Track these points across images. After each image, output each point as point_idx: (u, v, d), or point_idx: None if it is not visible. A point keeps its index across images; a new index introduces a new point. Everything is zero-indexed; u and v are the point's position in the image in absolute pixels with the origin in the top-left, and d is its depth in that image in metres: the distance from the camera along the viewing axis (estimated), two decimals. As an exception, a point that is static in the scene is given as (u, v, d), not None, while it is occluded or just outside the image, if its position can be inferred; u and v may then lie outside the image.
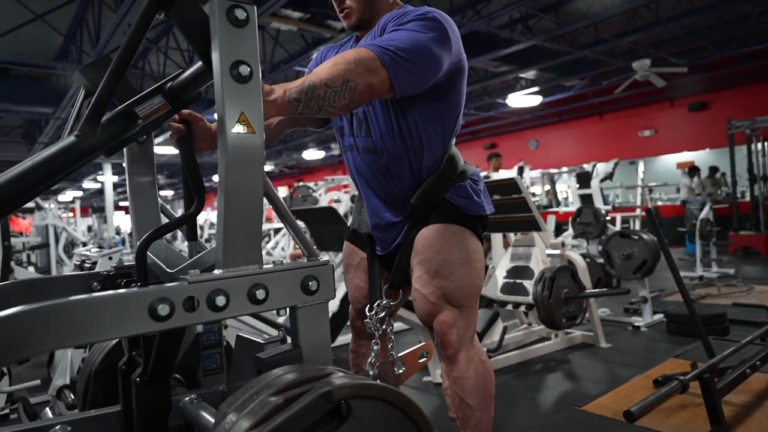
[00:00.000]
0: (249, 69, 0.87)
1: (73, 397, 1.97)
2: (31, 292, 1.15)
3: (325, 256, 1.13)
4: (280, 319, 4.32)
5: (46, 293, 1.19)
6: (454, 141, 1.53)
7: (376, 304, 1.50)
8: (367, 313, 1.50)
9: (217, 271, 0.88)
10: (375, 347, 1.48)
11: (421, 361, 1.55)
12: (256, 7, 0.91)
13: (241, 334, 1.18)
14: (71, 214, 16.92)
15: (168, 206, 1.48)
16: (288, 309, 0.97)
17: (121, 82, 0.93)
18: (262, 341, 1.10)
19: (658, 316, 4.03)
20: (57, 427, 1.14)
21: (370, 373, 1.47)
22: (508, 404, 2.60)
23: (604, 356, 3.31)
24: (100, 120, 0.86)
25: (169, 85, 1.08)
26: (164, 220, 1.39)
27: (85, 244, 10.25)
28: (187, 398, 1.19)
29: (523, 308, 3.55)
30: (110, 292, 0.78)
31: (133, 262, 1.25)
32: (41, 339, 0.69)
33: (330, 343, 0.99)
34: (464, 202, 1.47)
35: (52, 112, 9.55)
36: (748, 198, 9.33)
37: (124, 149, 1.29)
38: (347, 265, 1.71)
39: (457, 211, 1.46)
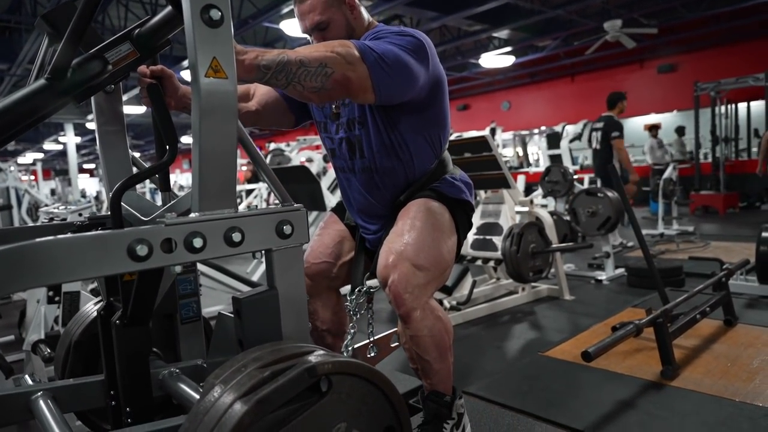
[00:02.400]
0: (220, 13, 0.88)
1: (49, 350, 2.00)
2: (6, 241, 1.15)
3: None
4: (255, 277, 4.35)
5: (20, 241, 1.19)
6: (446, 147, 1.61)
7: (357, 289, 1.53)
8: (348, 298, 1.53)
9: (193, 215, 0.90)
10: (351, 330, 1.53)
11: (393, 345, 1.61)
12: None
13: (222, 312, 1.21)
14: (32, 177, 16.33)
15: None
16: (263, 253, 1.01)
17: (87, 29, 0.93)
18: None
19: (620, 271, 4.22)
20: (39, 394, 1.16)
21: (345, 355, 1.52)
22: (477, 352, 2.72)
23: (567, 308, 3.47)
24: (69, 64, 0.85)
25: (137, 31, 1.07)
26: (136, 172, 1.39)
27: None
28: (166, 371, 1.22)
29: (492, 263, 3.67)
30: (90, 233, 0.80)
31: (105, 214, 1.26)
32: (26, 275, 0.72)
33: (304, 285, 1.03)
34: (443, 187, 1.55)
35: (7, 68, 9.09)
36: (710, 159, 9.65)
37: (92, 100, 1.28)
38: (324, 227, 1.74)
39: (437, 193, 1.54)
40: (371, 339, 1.56)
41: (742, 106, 9.97)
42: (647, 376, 2.15)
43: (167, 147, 1.08)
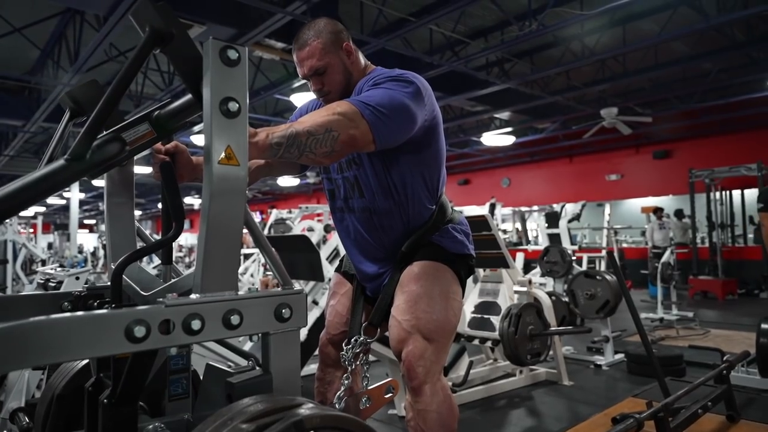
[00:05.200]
0: (237, 105, 0.93)
1: (27, 420, 1.91)
2: (2, 309, 1.14)
3: (296, 285, 1.16)
4: (247, 346, 4.25)
5: (16, 311, 1.19)
6: (443, 190, 1.65)
7: (353, 339, 1.53)
8: (344, 347, 1.53)
9: (194, 296, 0.91)
10: (346, 381, 1.51)
11: (387, 396, 1.57)
12: (246, 49, 0.96)
13: (210, 362, 1.19)
14: (31, 230, 16.36)
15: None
16: (260, 335, 1.00)
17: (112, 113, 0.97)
18: (232, 370, 1.12)
19: (619, 356, 4.13)
20: None
21: (337, 406, 1.49)
22: (471, 439, 2.62)
23: (566, 394, 3.36)
24: (90, 147, 0.89)
25: (156, 113, 1.12)
26: (139, 243, 1.40)
27: (44, 262, 9.90)
28: (151, 426, 1.18)
29: (489, 344, 3.60)
30: (89, 312, 0.80)
31: (104, 284, 1.27)
32: (20, 356, 0.71)
33: (300, 370, 1.02)
34: (447, 242, 1.58)
35: (22, 125, 9.37)
36: (707, 244, 9.72)
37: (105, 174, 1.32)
38: (333, 292, 1.76)
39: (441, 251, 1.56)
40: (365, 389, 1.53)
41: (736, 192, 10.17)
42: (649, 475, 2.05)
43: (173, 223, 1.10)
